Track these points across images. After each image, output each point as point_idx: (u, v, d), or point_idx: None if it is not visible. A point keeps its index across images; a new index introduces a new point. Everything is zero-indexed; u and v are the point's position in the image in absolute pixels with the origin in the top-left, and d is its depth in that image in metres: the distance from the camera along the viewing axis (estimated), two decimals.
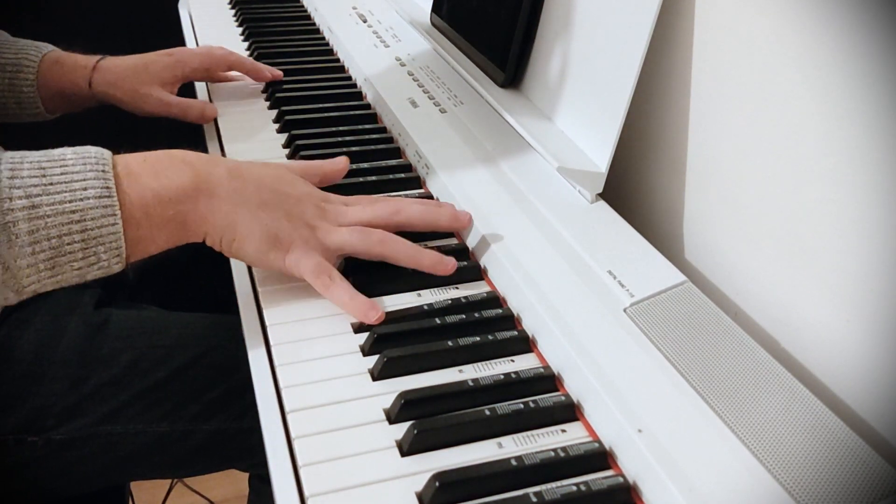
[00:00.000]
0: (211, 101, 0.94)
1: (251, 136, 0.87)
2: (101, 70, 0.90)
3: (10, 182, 0.52)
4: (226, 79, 0.98)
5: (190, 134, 0.92)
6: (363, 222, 0.63)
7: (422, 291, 0.63)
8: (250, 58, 1.00)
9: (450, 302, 0.61)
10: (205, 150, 0.86)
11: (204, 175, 0.59)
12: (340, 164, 0.70)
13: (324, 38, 1.12)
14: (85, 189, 0.54)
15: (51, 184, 0.53)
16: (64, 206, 0.53)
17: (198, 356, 0.74)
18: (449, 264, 0.62)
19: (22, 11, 1.22)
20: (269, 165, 0.65)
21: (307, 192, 0.64)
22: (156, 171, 0.58)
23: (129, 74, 0.90)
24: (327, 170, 0.69)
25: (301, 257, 0.60)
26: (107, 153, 0.57)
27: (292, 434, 0.50)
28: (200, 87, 0.99)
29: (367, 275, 0.63)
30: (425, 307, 0.61)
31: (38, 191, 0.53)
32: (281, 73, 0.97)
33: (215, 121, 0.90)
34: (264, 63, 1.00)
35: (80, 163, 0.55)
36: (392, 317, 0.60)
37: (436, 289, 0.63)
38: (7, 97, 0.89)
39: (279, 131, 0.88)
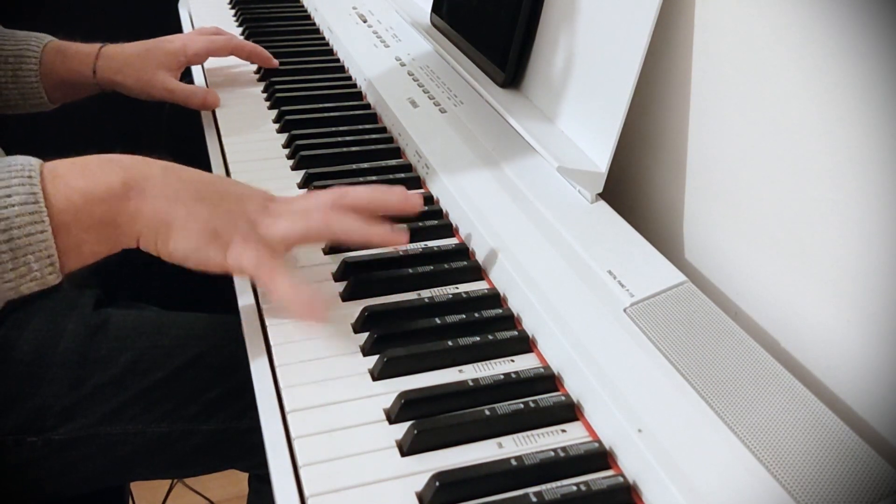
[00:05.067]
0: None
1: (251, 136, 0.87)
2: (104, 57, 0.91)
3: None
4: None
5: (189, 131, 0.93)
6: (304, 209, 0.61)
7: (421, 292, 0.63)
8: (249, 41, 1.02)
9: (450, 296, 0.61)
10: (204, 150, 0.86)
11: (134, 173, 0.57)
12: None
13: (324, 38, 1.12)
14: (9, 196, 0.52)
15: None
16: None
17: (198, 356, 0.74)
18: (402, 235, 0.60)
19: (21, 12, 1.22)
20: (211, 173, 0.63)
21: (249, 191, 0.62)
22: (84, 172, 0.56)
23: (134, 61, 0.91)
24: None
25: (242, 251, 0.57)
26: (35, 161, 0.55)
27: (292, 434, 0.50)
28: (200, 85, 1.00)
29: (368, 273, 0.63)
30: (426, 300, 0.61)
31: None
32: (277, 62, 0.99)
33: (215, 122, 0.90)
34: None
35: (5, 171, 0.53)
36: (392, 316, 0.60)
37: (435, 289, 0.63)
38: (10, 88, 0.89)
39: (279, 131, 0.88)
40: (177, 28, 1.18)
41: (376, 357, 0.56)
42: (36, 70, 0.89)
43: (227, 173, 0.80)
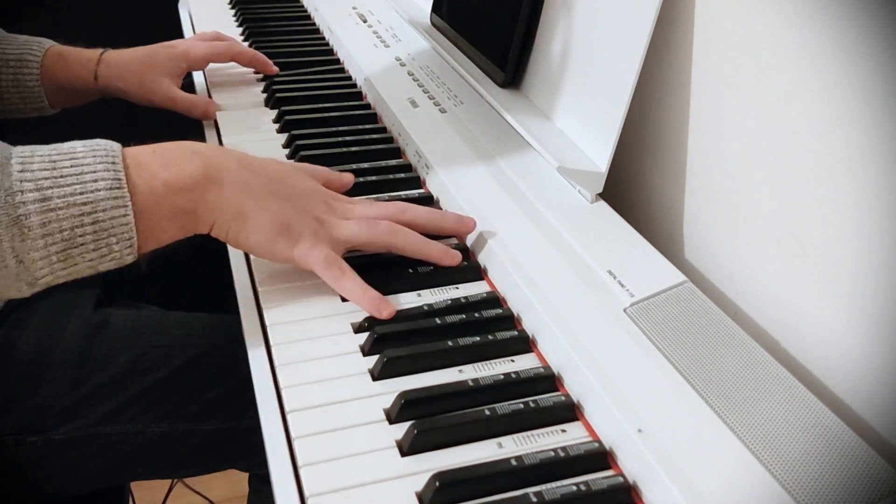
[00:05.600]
0: (211, 98, 0.95)
1: (251, 136, 0.87)
2: (106, 63, 0.91)
3: (20, 175, 0.53)
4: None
5: (191, 133, 0.93)
6: (370, 217, 0.64)
7: (422, 291, 0.63)
8: (250, 47, 1.02)
9: (450, 302, 0.61)
10: None
11: (214, 164, 0.60)
12: (346, 178, 0.71)
13: (324, 38, 1.12)
14: (96, 181, 0.54)
15: (62, 176, 0.54)
16: (75, 199, 0.53)
17: (198, 356, 0.74)
18: (456, 256, 0.64)
19: (21, 12, 1.22)
20: (277, 161, 0.66)
21: (314, 188, 0.65)
22: (165, 161, 0.58)
23: (135, 67, 0.91)
24: (332, 178, 0.70)
25: (310, 248, 0.60)
26: (116, 146, 0.58)
27: (292, 434, 0.50)
28: (200, 86, 1.00)
29: (367, 275, 0.63)
30: (425, 307, 0.61)
31: (49, 183, 0.53)
32: (277, 68, 0.99)
33: (215, 122, 0.90)
34: None
35: (90, 155, 0.55)
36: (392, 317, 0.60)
37: (436, 289, 0.63)
38: (11, 92, 0.89)
39: (279, 131, 0.88)
40: (177, 28, 1.18)
41: (376, 357, 0.56)
42: (37, 74, 0.89)
43: None
